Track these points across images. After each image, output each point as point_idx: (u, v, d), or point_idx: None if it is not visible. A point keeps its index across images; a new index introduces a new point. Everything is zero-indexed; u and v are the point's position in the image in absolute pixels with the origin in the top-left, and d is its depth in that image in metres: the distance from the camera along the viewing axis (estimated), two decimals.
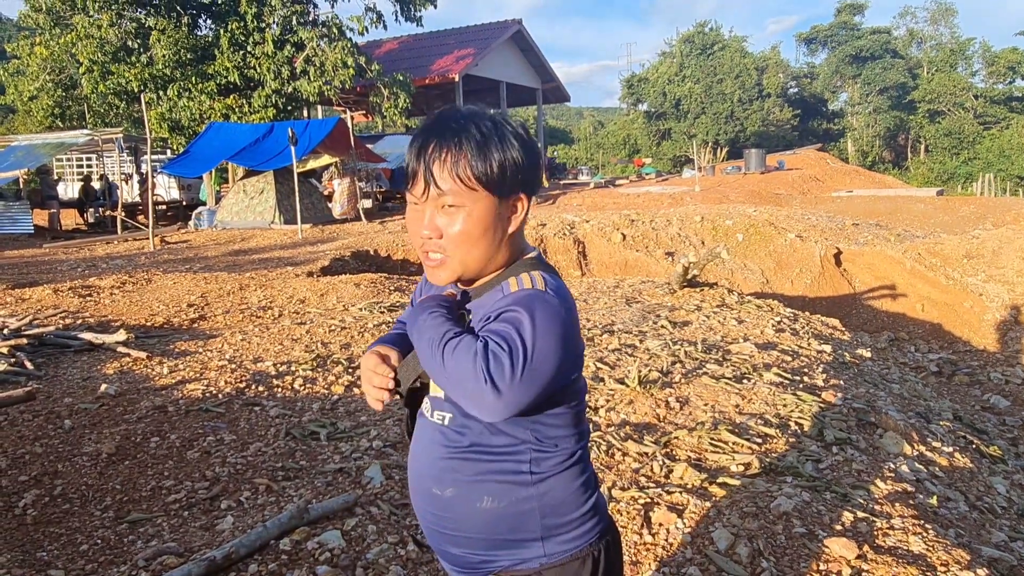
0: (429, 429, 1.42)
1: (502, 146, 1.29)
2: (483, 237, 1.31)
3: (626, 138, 50.62)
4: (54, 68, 19.95)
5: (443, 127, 1.30)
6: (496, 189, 1.29)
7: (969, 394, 6.52)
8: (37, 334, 5.45)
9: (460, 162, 1.27)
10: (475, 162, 1.27)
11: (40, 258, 11.87)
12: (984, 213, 17.41)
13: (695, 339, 5.42)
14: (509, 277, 1.33)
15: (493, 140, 1.29)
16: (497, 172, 1.28)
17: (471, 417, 1.32)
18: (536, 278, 1.31)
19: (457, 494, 1.36)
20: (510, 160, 1.29)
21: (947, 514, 3.03)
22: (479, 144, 1.28)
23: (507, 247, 1.36)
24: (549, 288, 1.29)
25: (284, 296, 7.23)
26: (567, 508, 1.36)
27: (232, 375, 4.56)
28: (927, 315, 9.72)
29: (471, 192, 1.28)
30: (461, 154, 1.28)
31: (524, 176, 1.32)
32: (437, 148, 1.28)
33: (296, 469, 3.35)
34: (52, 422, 3.85)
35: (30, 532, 2.89)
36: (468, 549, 1.38)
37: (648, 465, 3.27)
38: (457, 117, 1.31)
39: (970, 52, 49.70)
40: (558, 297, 1.28)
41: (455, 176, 1.28)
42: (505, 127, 1.32)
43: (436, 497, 1.39)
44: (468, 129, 1.29)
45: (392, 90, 20.13)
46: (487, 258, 1.34)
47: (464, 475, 1.35)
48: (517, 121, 1.37)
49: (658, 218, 12.96)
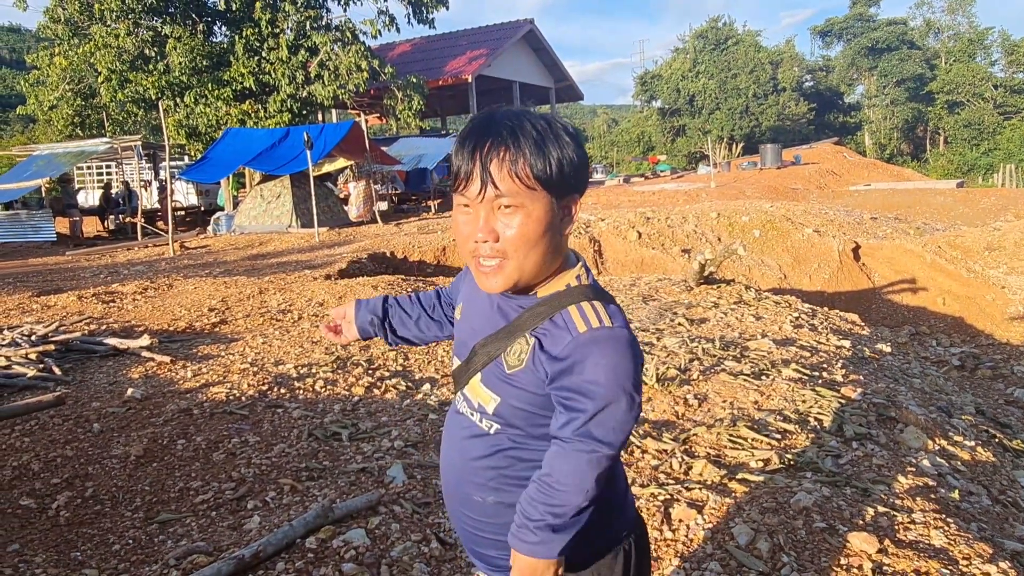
0: (468, 434, 1.42)
1: (559, 144, 1.25)
2: (542, 239, 1.26)
3: (640, 135, 50.46)
4: (73, 78, 20.22)
5: (498, 125, 1.25)
6: (554, 188, 1.25)
7: (992, 388, 6.46)
8: (63, 340, 5.56)
9: (519, 160, 1.22)
10: (535, 160, 1.23)
11: (63, 265, 12.06)
12: (1005, 204, 17.19)
13: (713, 336, 5.42)
14: (568, 306, 1.29)
15: (550, 138, 1.25)
16: (556, 171, 1.24)
17: (518, 428, 1.35)
18: (600, 311, 1.28)
19: (500, 501, 1.37)
20: (567, 158, 1.26)
21: (969, 508, 3.03)
22: (537, 142, 1.23)
23: (560, 252, 1.33)
24: (615, 321, 1.27)
25: (303, 299, 7.31)
26: (602, 507, 1.38)
27: (254, 378, 4.62)
28: (948, 309, 9.63)
29: (530, 192, 1.24)
30: (520, 152, 1.23)
31: (578, 175, 1.29)
32: (495, 147, 1.23)
33: (319, 469, 3.40)
34: (81, 426, 3.93)
35: (64, 533, 2.96)
36: (505, 552, 1.39)
37: (667, 462, 3.29)
38: (510, 115, 1.27)
39: (989, 41, 49.07)
40: (625, 328, 1.27)
41: (514, 175, 1.23)
42: (557, 125, 1.28)
43: (477, 504, 1.40)
44: (524, 127, 1.24)
45: (406, 92, 20.22)
46: (544, 262, 1.29)
47: (510, 483, 1.36)
48: (564, 119, 1.35)
49: (674, 215, 12.93)
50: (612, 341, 1.24)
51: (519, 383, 1.31)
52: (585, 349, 1.23)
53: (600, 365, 1.22)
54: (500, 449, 1.37)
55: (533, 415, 1.33)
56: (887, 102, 49.18)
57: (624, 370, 1.23)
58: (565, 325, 1.27)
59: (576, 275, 1.34)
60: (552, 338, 1.27)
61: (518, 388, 1.32)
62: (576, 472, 1.24)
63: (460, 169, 1.27)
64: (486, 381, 1.37)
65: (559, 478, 1.25)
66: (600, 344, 1.23)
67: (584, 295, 1.30)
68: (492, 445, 1.38)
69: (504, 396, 1.34)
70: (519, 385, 1.31)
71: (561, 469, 1.25)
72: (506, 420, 1.35)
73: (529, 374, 1.30)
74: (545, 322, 1.29)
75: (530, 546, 1.27)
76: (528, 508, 1.27)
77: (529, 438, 1.35)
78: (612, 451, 1.25)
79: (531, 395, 1.31)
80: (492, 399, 1.36)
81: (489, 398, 1.36)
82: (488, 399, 1.36)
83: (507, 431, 1.36)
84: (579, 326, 1.25)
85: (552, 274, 1.33)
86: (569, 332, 1.25)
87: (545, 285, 1.34)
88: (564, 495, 1.24)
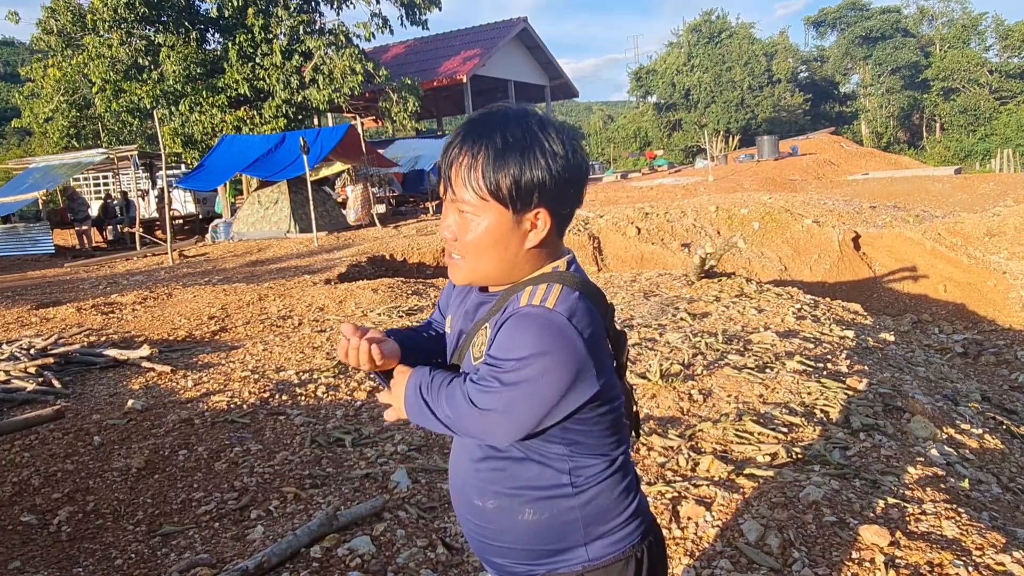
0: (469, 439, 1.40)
1: (522, 160, 1.21)
2: (492, 249, 1.26)
3: (637, 131, 50.37)
4: (68, 89, 20.18)
5: (473, 130, 1.25)
6: (508, 204, 1.23)
7: (996, 374, 6.43)
8: (63, 353, 5.53)
9: (473, 172, 1.22)
10: (487, 173, 1.21)
11: (62, 277, 12.03)
12: (1004, 190, 17.15)
13: (715, 330, 5.39)
14: (528, 286, 1.27)
15: (514, 153, 1.21)
16: (510, 187, 1.21)
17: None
18: (552, 293, 1.23)
19: (499, 506, 1.35)
20: (528, 176, 1.21)
21: (980, 497, 3.00)
22: (497, 155, 1.21)
23: (529, 260, 1.29)
24: (559, 306, 1.21)
25: (303, 304, 7.28)
26: (610, 514, 1.35)
27: (256, 385, 4.60)
28: (950, 295, 9.60)
29: (483, 202, 1.23)
30: (476, 163, 1.22)
31: (548, 192, 1.23)
32: (459, 152, 1.24)
33: (323, 476, 3.37)
34: (82, 439, 3.90)
35: (66, 549, 2.93)
36: (511, 559, 1.38)
37: (674, 459, 3.26)
38: (489, 121, 1.25)
39: (983, 27, 48.94)
40: (563, 315, 1.20)
41: (467, 184, 1.23)
42: (539, 137, 1.23)
43: (478, 508, 1.38)
44: (492, 136, 1.22)
45: (401, 94, 20.19)
46: (500, 270, 1.29)
47: (504, 488, 1.34)
48: (565, 128, 1.27)
49: (672, 210, 12.90)
50: (538, 319, 1.19)
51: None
52: (510, 321, 1.21)
53: (511, 336, 1.20)
54: (493, 451, 1.35)
55: None
56: (882, 90, 49.10)
57: (537, 352, 1.17)
58: (516, 299, 1.26)
59: (555, 266, 1.31)
60: (502, 315, 1.26)
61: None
62: (447, 393, 1.27)
63: (442, 165, 1.30)
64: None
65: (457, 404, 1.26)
66: (524, 320, 1.20)
67: (550, 278, 1.27)
68: (483, 449, 1.36)
69: None
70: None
71: (453, 394, 1.27)
72: None
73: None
74: (507, 296, 1.29)
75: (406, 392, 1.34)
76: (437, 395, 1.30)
77: (519, 443, 1.31)
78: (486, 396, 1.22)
79: None
80: None
81: None
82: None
83: None
84: (521, 302, 1.23)
85: (528, 275, 1.31)
86: (513, 307, 1.24)
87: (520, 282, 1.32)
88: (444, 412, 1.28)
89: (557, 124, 1.27)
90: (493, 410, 1.21)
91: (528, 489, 1.32)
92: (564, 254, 1.34)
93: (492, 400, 1.21)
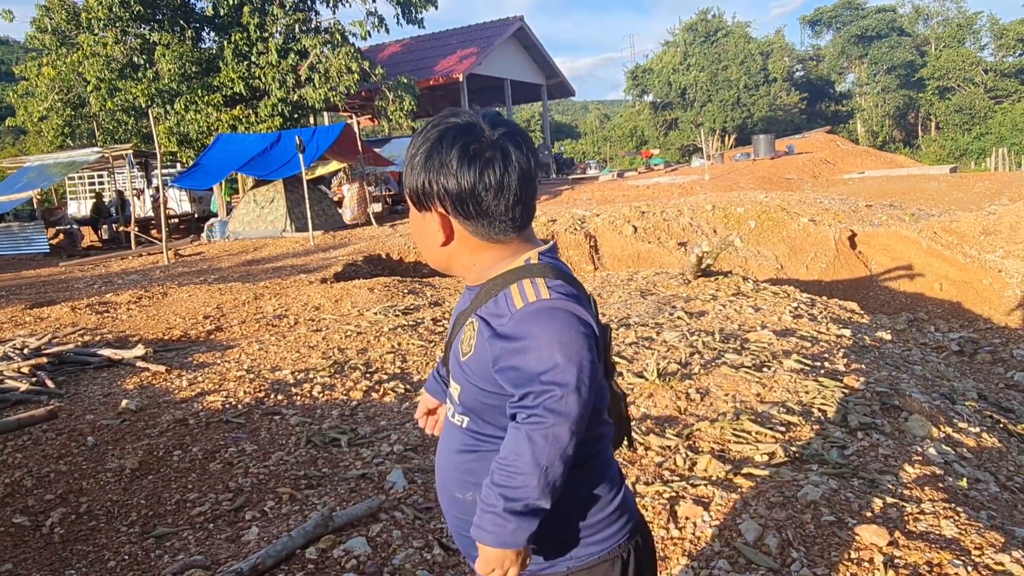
0: (449, 430, 1.43)
1: (426, 165, 1.29)
2: (420, 242, 1.39)
3: (633, 130, 50.37)
4: (62, 88, 20.09)
5: (426, 137, 1.33)
6: (416, 204, 1.34)
7: (992, 372, 6.43)
8: (57, 352, 5.49)
9: (406, 172, 1.34)
10: (411, 177, 1.32)
11: (57, 277, 11.98)
12: (999, 188, 17.18)
13: (712, 329, 5.38)
14: (511, 284, 1.29)
15: (419, 157, 1.30)
16: (418, 188, 1.31)
17: (487, 421, 1.33)
18: (540, 286, 1.26)
19: (476, 497, 1.33)
20: (432, 182, 1.28)
21: (978, 496, 2.99)
22: (410, 158, 1.32)
23: (474, 256, 1.35)
24: (554, 294, 1.25)
25: (299, 304, 7.25)
26: (591, 510, 1.34)
27: (251, 385, 4.57)
28: (946, 294, 9.60)
29: (409, 200, 1.36)
30: (408, 166, 1.33)
31: (453, 199, 1.27)
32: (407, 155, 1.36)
33: (319, 477, 3.35)
34: (75, 440, 3.87)
35: (58, 551, 2.91)
36: None
37: (671, 458, 3.24)
38: (424, 127, 1.34)
39: (978, 26, 49.06)
40: (565, 298, 1.25)
41: (405, 183, 1.35)
42: (450, 144, 1.26)
43: (458, 501, 1.39)
44: (414, 141, 1.32)
45: (397, 93, 20.14)
46: (441, 264, 1.39)
47: (482, 478, 1.32)
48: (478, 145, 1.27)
49: (669, 208, 12.89)
50: (550, 312, 1.23)
51: (471, 369, 1.31)
52: (524, 324, 1.22)
53: (540, 337, 1.21)
54: (471, 443, 1.36)
55: (486, 403, 1.31)
56: (878, 89, 49.18)
57: (567, 340, 1.21)
58: (506, 304, 1.27)
59: (526, 258, 1.33)
60: (494, 318, 1.27)
61: (471, 374, 1.32)
62: (531, 450, 1.20)
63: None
64: (453, 372, 1.38)
65: (514, 459, 1.21)
66: (538, 316, 1.22)
67: (528, 272, 1.30)
68: (464, 439, 1.37)
69: (463, 385, 1.34)
70: (471, 371, 1.31)
71: (516, 448, 1.22)
72: (470, 410, 1.35)
73: (478, 358, 1.29)
74: (489, 303, 1.30)
75: (491, 535, 1.23)
76: (487, 494, 1.24)
77: (493, 428, 1.33)
78: (568, 423, 1.20)
79: (481, 380, 1.30)
80: (456, 388, 1.37)
81: (456, 389, 1.37)
82: (456, 390, 1.37)
83: (475, 423, 1.35)
84: (517, 303, 1.25)
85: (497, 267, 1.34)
86: (509, 310, 1.25)
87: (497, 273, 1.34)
88: (522, 476, 1.20)
89: (469, 140, 1.27)
90: (566, 413, 1.21)
91: None
92: (536, 244, 1.37)
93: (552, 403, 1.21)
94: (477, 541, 1.25)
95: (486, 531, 1.23)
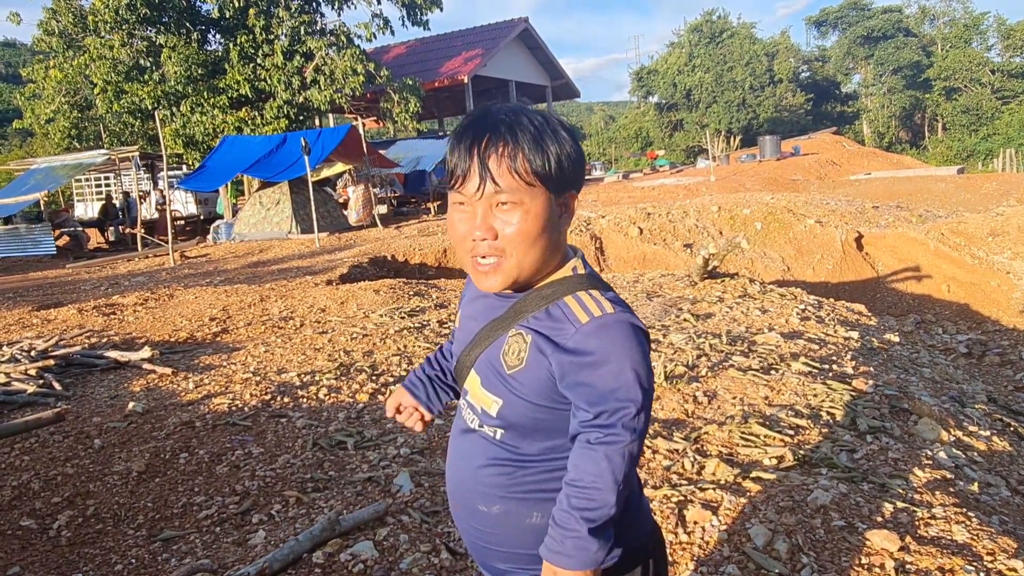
0: (472, 442, 1.38)
1: (557, 139, 1.23)
2: (541, 236, 1.24)
3: (638, 131, 50.32)
4: (69, 90, 20.15)
5: (495, 121, 1.22)
6: (553, 185, 1.23)
7: (1001, 375, 6.40)
8: (64, 355, 5.50)
9: (518, 156, 1.20)
10: (533, 156, 1.20)
11: (64, 278, 12.02)
12: (1007, 189, 17.09)
13: (719, 331, 5.35)
14: (565, 295, 1.26)
15: (548, 133, 1.22)
16: (555, 167, 1.22)
17: (530, 439, 1.30)
18: (600, 299, 1.25)
19: (505, 511, 1.32)
20: (566, 154, 1.23)
21: (989, 500, 2.96)
22: (535, 137, 1.21)
23: (559, 250, 1.31)
24: (616, 308, 1.24)
25: (305, 306, 7.25)
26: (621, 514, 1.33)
27: (257, 387, 4.57)
28: (953, 296, 9.56)
29: (529, 188, 1.21)
30: (519, 148, 1.20)
31: (576, 171, 1.26)
32: (493, 142, 1.21)
33: (325, 480, 3.34)
34: (82, 442, 3.87)
35: (65, 554, 2.90)
36: (514, 564, 1.36)
37: (679, 462, 3.22)
38: (507, 111, 1.24)
39: (984, 26, 48.87)
40: (627, 312, 1.24)
41: (513, 171, 1.20)
42: (554, 121, 1.25)
43: (482, 514, 1.35)
44: (521, 122, 1.22)
45: (402, 95, 20.14)
46: (543, 259, 1.27)
47: (514, 491, 1.31)
48: (560, 116, 1.32)
49: (674, 210, 12.86)
50: (617, 327, 1.21)
51: (520, 383, 1.27)
52: (593, 339, 1.20)
53: (611, 353, 1.19)
54: (504, 455, 1.32)
55: (537, 417, 1.28)
56: (884, 90, 49.03)
57: (636, 356, 1.20)
58: (565, 317, 1.23)
59: (573, 267, 1.31)
60: (554, 331, 1.23)
61: (520, 388, 1.27)
62: (610, 470, 1.19)
63: (457, 166, 1.24)
64: (487, 384, 1.33)
65: (592, 479, 1.19)
66: (607, 331, 1.20)
67: (581, 284, 1.27)
68: (496, 451, 1.33)
69: (506, 398, 1.29)
70: (521, 384, 1.27)
71: (592, 469, 1.19)
72: (509, 423, 1.30)
73: (531, 372, 1.25)
74: (541, 314, 1.26)
75: (573, 559, 1.20)
76: (564, 518, 1.21)
77: (534, 442, 1.30)
78: (641, 440, 1.21)
79: (534, 394, 1.26)
80: (494, 402, 1.31)
81: (491, 402, 1.32)
82: (490, 403, 1.32)
83: (511, 435, 1.31)
84: (580, 317, 1.22)
85: (551, 271, 1.30)
86: (571, 324, 1.22)
87: (543, 282, 1.31)
88: (600, 494, 1.19)
89: (549, 112, 1.30)
90: (640, 430, 1.22)
91: (536, 492, 1.31)
92: (572, 253, 1.35)
93: (625, 420, 1.20)
94: (555, 566, 1.21)
95: (568, 556, 1.20)
